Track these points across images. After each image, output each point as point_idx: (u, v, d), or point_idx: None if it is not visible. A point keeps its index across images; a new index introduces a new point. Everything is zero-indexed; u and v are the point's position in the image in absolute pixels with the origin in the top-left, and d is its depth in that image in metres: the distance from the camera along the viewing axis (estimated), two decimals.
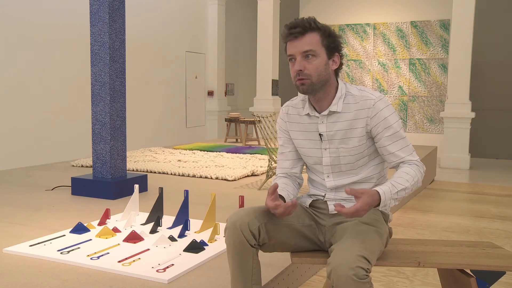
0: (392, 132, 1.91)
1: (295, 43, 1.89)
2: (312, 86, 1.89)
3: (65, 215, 3.57)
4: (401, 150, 1.92)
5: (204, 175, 5.22)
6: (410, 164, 1.91)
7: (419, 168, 1.90)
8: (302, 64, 1.88)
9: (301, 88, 1.90)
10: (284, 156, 2.12)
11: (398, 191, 1.80)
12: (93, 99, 4.25)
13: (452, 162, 8.37)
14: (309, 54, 1.87)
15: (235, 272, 1.88)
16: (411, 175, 1.86)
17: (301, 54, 1.88)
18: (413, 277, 3.13)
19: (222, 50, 11.32)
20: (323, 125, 1.97)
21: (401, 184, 1.82)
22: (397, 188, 1.81)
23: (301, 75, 1.88)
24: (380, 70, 10.33)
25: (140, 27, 8.96)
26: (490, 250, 2.11)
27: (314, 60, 1.88)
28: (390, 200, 1.80)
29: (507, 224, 4.60)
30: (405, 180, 1.84)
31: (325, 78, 1.91)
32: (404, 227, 4.40)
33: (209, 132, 11.38)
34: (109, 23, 4.16)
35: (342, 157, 1.96)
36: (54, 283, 2.28)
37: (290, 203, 1.80)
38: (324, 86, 1.92)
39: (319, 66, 1.88)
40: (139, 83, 8.96)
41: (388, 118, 1.91)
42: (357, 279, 1.57)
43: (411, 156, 1.93)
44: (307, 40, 1.87)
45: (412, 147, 1.96)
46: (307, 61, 1.88)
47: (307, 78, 1.88)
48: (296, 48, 1.89)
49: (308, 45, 1.87)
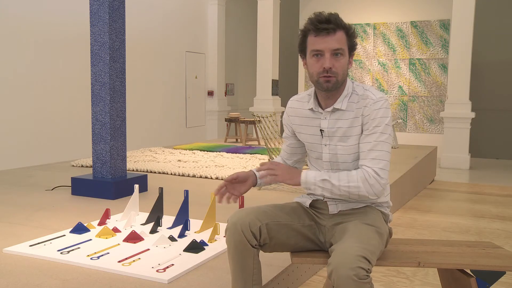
0: (372, 132, 1.87)
1: (326, 38, 1.86)
2: (337, 84, 1.89)
3: (65, 215, 3.57)
4: (368, 152, 1.86)
5: (204, 175, 5.22)
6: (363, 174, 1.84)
7: (366, 178, 1.82)
8: (331, 61, 1.86)
9: (325, 85, 1.88)
10: (284, 148, 2.21)
11: (323, 180, 1.85)
12: (93, 99, 4.25)
13: (452, 162, 8.37)
14: (338, 53, 1.86)
15: (235, 272, 1.88)
16: (349, 179, 1.84)
17: (331, 51, 1.86)
18: (413, 277, 3.12)
19: (222, 50, 11.32)
20: (325, 121, 1.97)
21: (332, 178, 1.86)
22: (322, 177, 1.86)
23: (329, 73, 1.86)
24: (380, 70, 10.33)
25: (140, 27, 8.96)
26: (490, 250, 2.11)
27: (342, 59, 1.88)
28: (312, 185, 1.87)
29: (507, 224, 4.60)
30: (338, 179, 1.86)
31: (345, 77, 1.93)
32: (404, 227, 4.40)
33: (209, 132, 11.38)
34: (109, 23, 4.15)
35: (339, 155, 1.96)
36: (54, 283, 2.27)
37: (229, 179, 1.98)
38: (342, 85, 1.93)
39: (345, 65, 1.90)
40: (139, 83, 8.96)
41: (376, 119, 1.87)
42: (358, 279, 1.57)
43: (371, 162, 1.84)
44: (337, 37, 1.86)
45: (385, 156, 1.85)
46: (335, 59, 1.87)
47: (334, 76, 1.87)
48: (326, 44, 1.85)
49: (338, 43, 1.86)
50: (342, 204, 1.99)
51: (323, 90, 1.91)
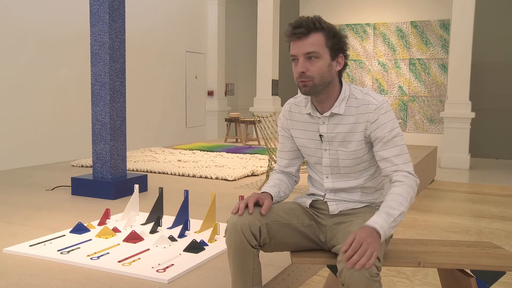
0: (389, 138, 1.87)
1: (298, 43, 1.85)
2: (314, 88, 1.86)
3: (65, 215, 3.57)
4: (396, 157, 1.86)
5: (204, 175, 5.22)
6: (401, 181, 1.83)
7: (411, 184, 1.83)
8: (304, 65, 1.84)
9: (303, 89, 1.88)
10: (282, 154, 2.13)
11: (395, 219, 1.74)
12: (93, 99, 4.25)
13: (452, 162, 8.37)
14: (312, 56, 1.84)
15: (235, 273, 1.88)
16: (404, 196, 1.79)
17: (303, 55, 1.84)
18: (413, 277, 3.12)
19: (222, 50, 11.32)
20: (324, 126, 1.95)
21: (396, 209, 1.75)
22: (393, 216, 1.74)
23: (303, 77, 1.85)
24: (380, 70, 10.33)
25: (140, 27, 8.96)
26: (490, 250, 2.11)
27: (317, 62, 1.84)
28: (389, 230, 1.72)
29: (507, 224, 4.60)
30: (399, 203, 1.76)
31: (328, 80, 1.88)
32: (404, 227, 4.40)
33: (209, 132, 11.38)
34: (109, 23, 4.15)
35: (341, 159, 1.95)
36: (54, 283, 2.28)
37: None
38: (327, 88, 1.89)
39: (322, 67, 1.85)
40: (139, 83, 8.96)
41: (388, 124, 1.87)
42: (370, 276, 1.56)
43: (405, 166, 1.86)
44: (310, 41, 1.83)
45: (409, 157, 1.90)
46: (309, 62, 1.84)
47: (309, 80, 1.85)
48: (299, 49, 1.85)
49: (311, 46, 1.83)
50: (342, 204, 1.99)
51: (302, 94, 1.92)
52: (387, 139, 1.87)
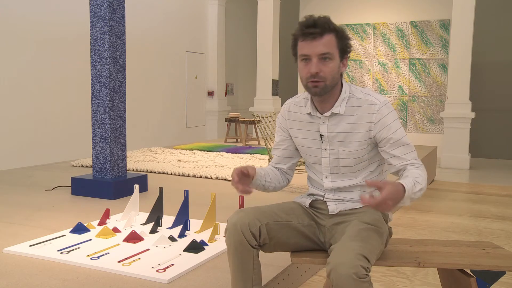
0: (396, 139, 1.89)
1: (313, 43, 1.83)
2: (325, 88, 1.86)
3: (65, 215, 3.57)
4: (407, 154, 1.90)
5: (204, 175, 5.22)
6: (419, 167, 1.88)
7: (425, 173, 1.87)
8: (318, 66, 1.83)
9: (313, 90, 1.87)
10: (277, 152, 2.15)
11: (417, 191, 1.77)
12: (93, 99, 4.25)
13: (452, 162, 8.36)
14: (326, 57, 1.83)
15: (235, 273, 1.88)
16: (423, 177, 1.83)
17: (317, 56, 1.83)
18: (413, 277, 3.12)
19: (222, 50, 11.32)
20: (324, 126, 1.95)
21: (420, 183, 1.79)
22: (417, 188, 1.77)
23: (316, 78, 1.84)
24: (380, 70, 10.33)
25: (140, 27, 8.96)
26: (490, 250, 2.11)
27: (330, 63, 1.84)
28: (410, 196, 1.74)
29: (507, 224, 4.60)
30: (423, 179, 1.81)
31: (336, 81, 1.89)
32: (404, 227, 4.40)
33: (209, 132, 11.38)
34: (109, 23, 4.15)
35: (341, 159, 1.96)
36: (54, 283, 2.28)
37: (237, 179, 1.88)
38: (334, 88, 1.90)
39: (334, 69, 1.86)
40: (139, 83, 8.96)
41: (393, 125, 1.89)
42: (357, 278, 1.56)
43: (416, 160, 1.91)
44: (324, 41, 1.83)
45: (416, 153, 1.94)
46: (323, 63, 1.84)
47: (322, 81, 1.84)
48: (313, 49, 1.83)
49: (326, 47, 1.83)
50: (341, 204, 2.00)
51: (312, 94, 1.91)
52: (395, 139, 1.89)
